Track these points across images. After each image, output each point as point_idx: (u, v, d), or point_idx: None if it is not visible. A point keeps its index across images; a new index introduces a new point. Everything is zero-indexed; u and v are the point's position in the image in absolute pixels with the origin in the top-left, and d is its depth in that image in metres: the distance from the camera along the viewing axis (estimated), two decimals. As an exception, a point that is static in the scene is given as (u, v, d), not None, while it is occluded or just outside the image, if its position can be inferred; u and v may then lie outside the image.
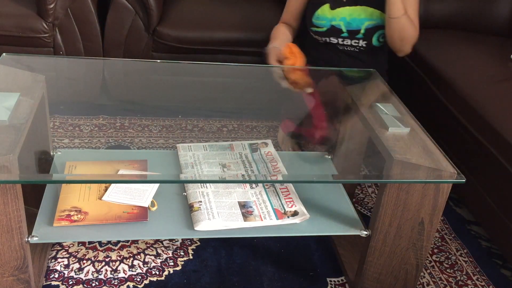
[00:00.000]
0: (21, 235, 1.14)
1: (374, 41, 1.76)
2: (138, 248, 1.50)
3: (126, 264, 1.45)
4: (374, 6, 1.71)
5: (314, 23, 1.77)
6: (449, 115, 1.87)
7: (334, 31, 1.75)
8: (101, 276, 1.40)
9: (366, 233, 1.31)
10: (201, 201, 1.34)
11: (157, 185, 1.40)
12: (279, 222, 1.33)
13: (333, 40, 1.78)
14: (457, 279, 1.53)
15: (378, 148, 1.29)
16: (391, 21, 1.66)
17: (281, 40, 1.75)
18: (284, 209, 1.37)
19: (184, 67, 1.80)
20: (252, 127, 2.10)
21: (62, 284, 1.37)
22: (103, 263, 1.44)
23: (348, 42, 1.77)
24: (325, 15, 1.74)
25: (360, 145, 1.59)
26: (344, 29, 1.74)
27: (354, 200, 1.80)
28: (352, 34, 1.75)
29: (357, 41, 1.76)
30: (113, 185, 1.37)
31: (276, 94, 1.90)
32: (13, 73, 1.39)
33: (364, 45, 1.77)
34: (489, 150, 1.61)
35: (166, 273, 1.43)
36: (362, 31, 1.73)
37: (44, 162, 1.45)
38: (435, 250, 1.63)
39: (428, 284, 1.50)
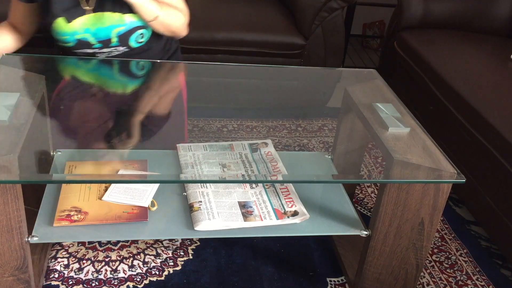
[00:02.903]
0: (21, 235, 1.14)
1: (133, 43, 1.54)
2: (138, 248, 1.50)
3: (126, 264, 1.45)
4: (119, 10, 1.47)
5: (57, 38, 1.51)
6: (449, 115, 1.87)
7: (83, 44, 1.50)
8: (101, 276, 1.40)
9: (366, 233, 1.31)
10: (201, 201, 1.34)
11: (157, 185, 1.40)
12: (279, 222, 1.33)
13: (90, 51, 1.54)
14: (457, 279, 1.53)
15: (378, 148, 1.29)
16: (150, 24, 1.50)
17: None
18: (284, 209, 1.37)
19: (184, 67, 1.80)
20: (252, 127, 2.10)
21: (62, 284, 1.37)
22: (103, 263, 1.44)
23: (107, 50, 1.54)
24: (64, 29, 1.47)
25: (360, 145, 1.59)
26: (93, 41, 1.50)
27: (354, 200, 1.80)
28: (106, 43, 1.51)
29: (115, 48, 1.54)
30: (113, 185, 1.37)
31: (276, 94, 1.91)
32: (13, 73, 1.39)
33: (127, 50, 1.56)
34: (489, 150, 1.61)
35: (166, 273, 1.43)
36: (115, 39, 1.51)
37: (44, 162, 1.45)
38: (435, 250, 1.63)
39: (428, 284, 1.50)
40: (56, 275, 1.39)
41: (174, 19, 1.55)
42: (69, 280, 1.38)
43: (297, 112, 2.25)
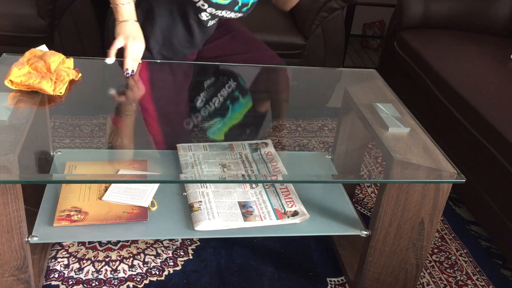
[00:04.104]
0: (21, 235, 1.14)
1: (250, 12, 1.60)
2: (138, 248, 1.50)
3: (126, 264, 1.45)
4: None
5: None
6: (449, 115, 1.87)
7: (234, 4, 1.52)
8: (101, 276, 1.40)
9: (366, 233, 1.31)
10: (201, 201, 1.34)
11: (157, 185, 1.40)
12: (279, 222, 1.33)
13: (226, 15, 1.55)
14: (457, 279, 1.53)
15: (378, 148, 1.29)
16: None
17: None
18: (284, 209, 1.37)
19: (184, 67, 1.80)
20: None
21: (62, 284, 1.37)
22: (103, 263, 1.44)
23: (230, 15, 1.56)
24: None
25: (360, 145, 1.59)
26: (240, 3, 1.52)
27: (354, 200, 1.80)
28: (241, 7, 1.54)
29: (237, 14, 1.56)
30: (113, 185, 1.37)
31: (276, 94, 1.90)
32: (13, 73, 1.39)
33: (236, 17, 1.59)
34: (489, 150, 1.61)
35: (166, 273, 1.43)
36: (250, 5, 1.55)
37: (44, 162, 1.45)
38: (435, 250, 1.63)
39: (428, 284, 1.50)
40: (56, 275, 1.39)
41: None
42: (69, 280, 1.38)
43: (297, 112, 2.25)
